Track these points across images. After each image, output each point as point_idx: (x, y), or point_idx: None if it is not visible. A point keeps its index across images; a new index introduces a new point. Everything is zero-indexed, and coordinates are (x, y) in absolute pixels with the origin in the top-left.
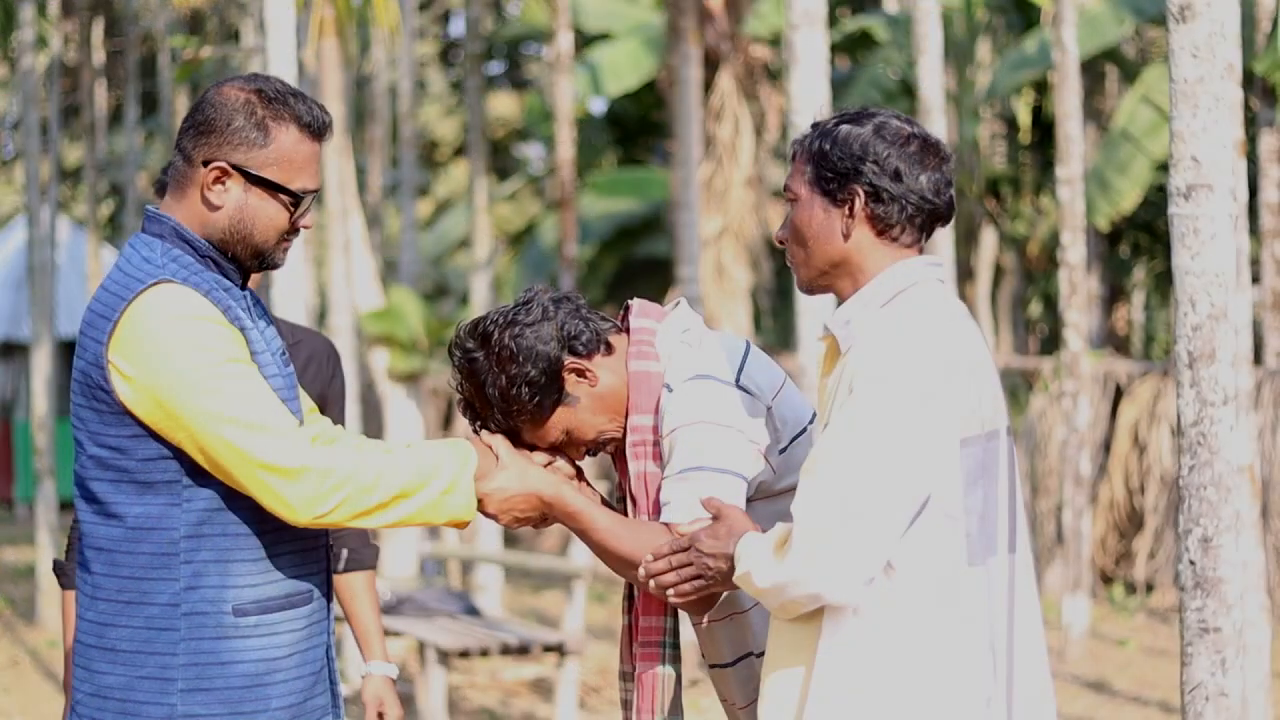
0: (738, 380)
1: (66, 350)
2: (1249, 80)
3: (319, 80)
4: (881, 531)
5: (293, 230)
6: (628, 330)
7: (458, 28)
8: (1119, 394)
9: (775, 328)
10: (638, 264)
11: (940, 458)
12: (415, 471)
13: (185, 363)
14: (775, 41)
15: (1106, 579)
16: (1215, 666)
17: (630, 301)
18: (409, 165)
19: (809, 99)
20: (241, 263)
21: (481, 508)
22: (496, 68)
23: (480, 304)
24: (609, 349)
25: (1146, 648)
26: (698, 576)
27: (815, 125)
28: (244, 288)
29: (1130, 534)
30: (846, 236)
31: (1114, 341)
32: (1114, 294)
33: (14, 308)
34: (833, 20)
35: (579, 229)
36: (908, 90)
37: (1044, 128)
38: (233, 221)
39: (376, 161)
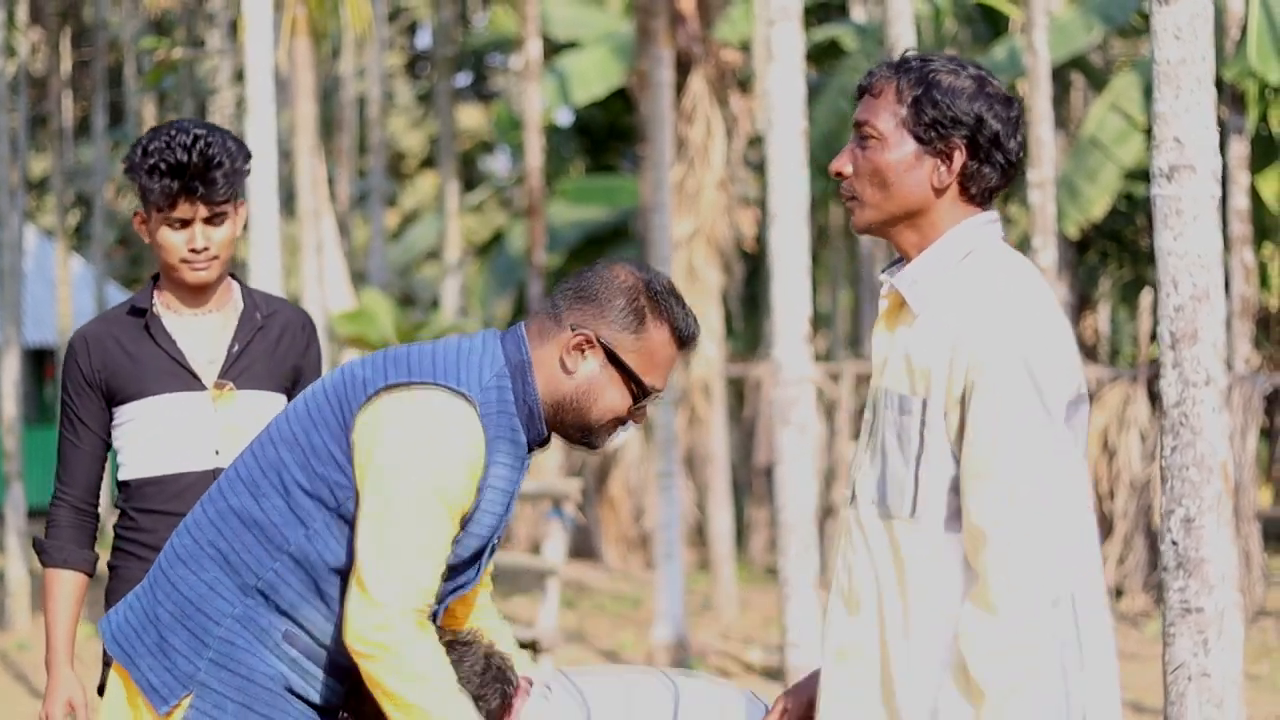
0: None
1: (33, 357)
2: (1218, 88)
3: (290, 80)
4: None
5: (624, 421)
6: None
7: (424, 40)
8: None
9: (745, 332)
10: None
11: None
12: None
13: (409, 476)
14: (745, 47)
15: None
16: (1197, 647)
17: None
18: (378, 174)
19: (787, 96)
20: (566, 433)
21: None
22: (462, 80)
23: (450, 310)
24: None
25: (1116, 651)
26: None
27: (899, 65)
28: (532, 450)
29: (1100, 539)
30: (938, 190)
31: (1082, 349)
32: (1082, 302)
33: None
34: None
35: (547, 237)
36: None
37: None
38: (578, 391)
39: (344, 171)
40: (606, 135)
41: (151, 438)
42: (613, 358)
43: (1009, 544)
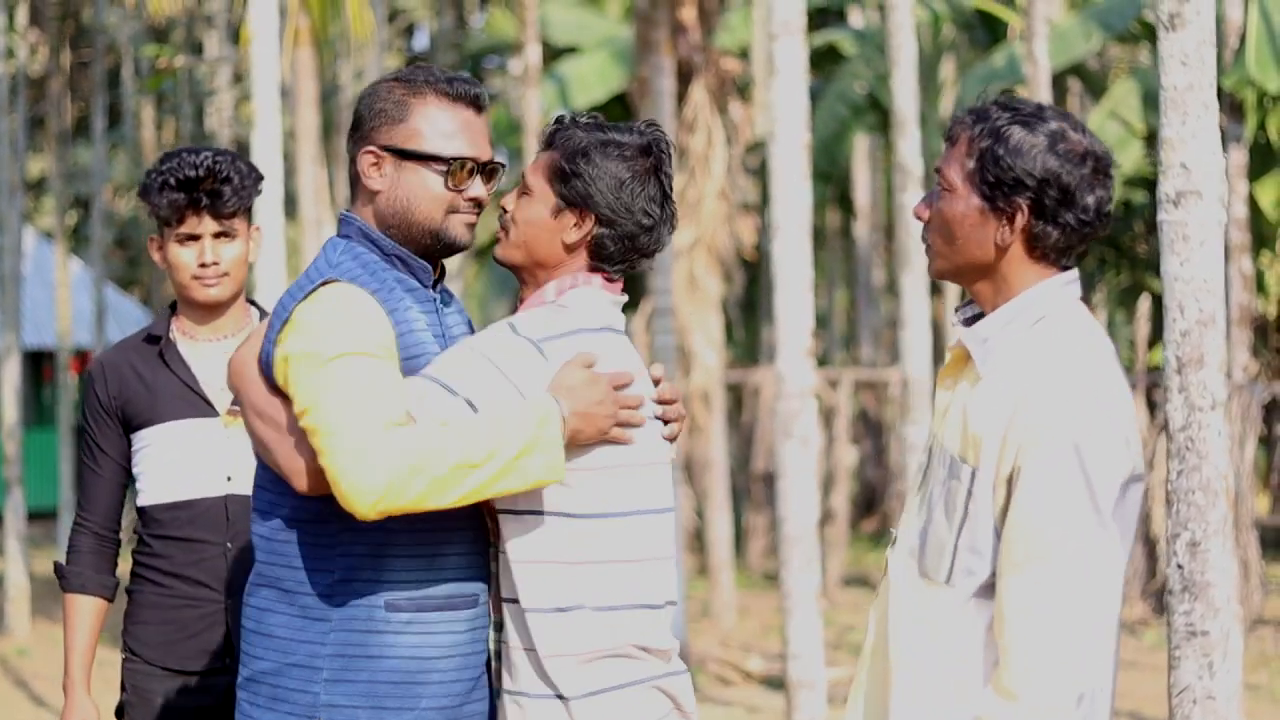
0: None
1: (32, 360)
2: (1217, 96)
3: (293, 89)
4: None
5: (472, 203)
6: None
7: (422, 42)
8: None
9: (745, 339)
10: None
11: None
12: (475, 441)
13: (308, 345)
14: (743, 54)
15: None
16: (1203, 670)
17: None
18: None
19: (790, 109)
20: (426, 248)
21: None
22: None
23: None
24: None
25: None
26: None
27: (980, 114)
28: (436, 286)
29: None
30: (1000, 248)
31: None
32: None
33: None
34: None
35: None
36: (875, 105)
37: None
38: (395, 202)
39: (341, 173)
40: None
41: (165, 464)
42: (400, 153)
43: (1039, 635)
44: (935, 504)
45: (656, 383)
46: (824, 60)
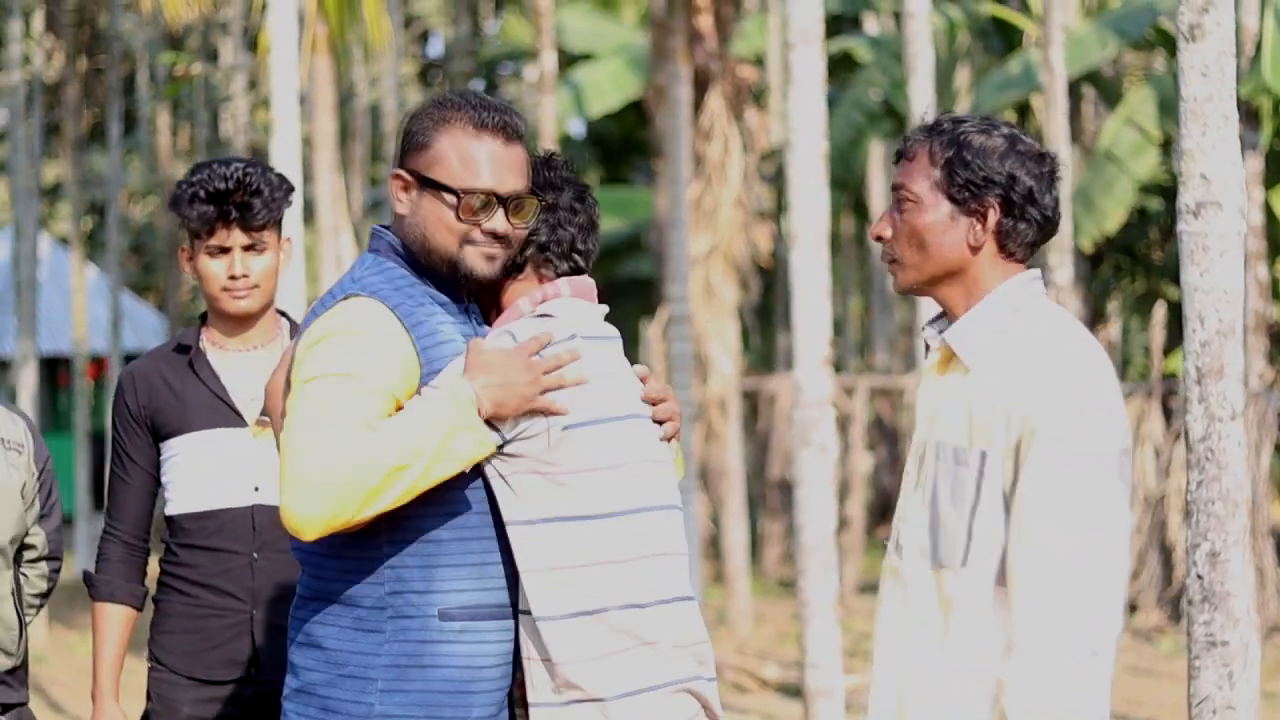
0: None
1: (47, 366)
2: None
3: (310, 96)
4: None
5: (495, 236)
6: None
7: (436, 48)
8: None
9: (761, 347)
10: (620, 283)
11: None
12: (400, 445)
13: (297, 370)
14: (759, 61)
15: None
16: (1223, 680)
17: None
18: None
19: (807, 118)
20: (447, 275)
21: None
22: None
23: None
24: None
25: (1131, 667)
26: None
27: (936, 128)
28: (466, 300)
29: None
30: (974, 249)
31: None
32: (1095, 316)
33: None
34: None
35: None
36: (891, 112)
37: None
38: (418, 226)
39: (357, 180)
40: (620, 147)
41: (193, 473)
42: (421, 180)
43: (1048, 591)
44: (941, 499)
45: (643, 383)
46: (839, 67)
